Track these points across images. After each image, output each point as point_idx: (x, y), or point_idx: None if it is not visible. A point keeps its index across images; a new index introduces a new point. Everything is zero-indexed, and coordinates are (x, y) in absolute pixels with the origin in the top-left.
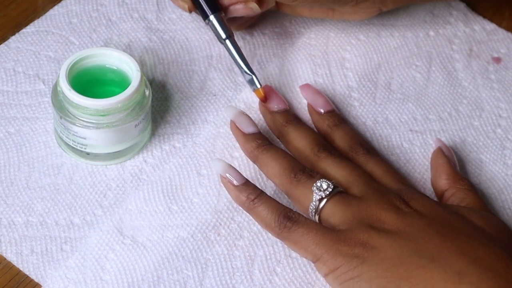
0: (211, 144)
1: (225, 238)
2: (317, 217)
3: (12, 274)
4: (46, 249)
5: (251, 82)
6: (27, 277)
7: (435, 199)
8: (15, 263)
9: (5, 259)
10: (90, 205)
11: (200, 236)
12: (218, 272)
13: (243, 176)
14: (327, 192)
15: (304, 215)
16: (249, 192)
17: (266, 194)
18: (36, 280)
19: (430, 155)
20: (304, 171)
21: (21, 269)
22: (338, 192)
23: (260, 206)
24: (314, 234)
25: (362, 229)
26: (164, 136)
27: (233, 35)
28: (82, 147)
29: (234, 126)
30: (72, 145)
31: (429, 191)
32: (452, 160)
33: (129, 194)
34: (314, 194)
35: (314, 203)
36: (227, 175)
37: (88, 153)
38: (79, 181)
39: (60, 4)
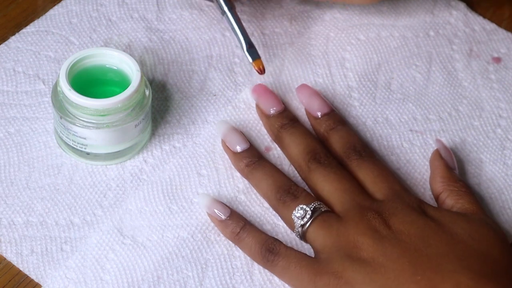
0: (211, 144)
1: (225, 238)
2: (304, 239)
3: (12, 274)
4: (46, 249)
5: (250, 54)
6: (27, 277)
7: (435, 200)
8: (15, 263)
9: (5, 259)
10: (90, 205)
11: (200, 236)
12: (218, 272)
13: (228, 209)
14: (306, 219)
15: (286, 245)
16: (234, 226)
17: (250, 225)
18: (36, 280)
19: (430, 155)
20: (289, 191)
21: (21, 269)
22: (320, 213)
23: (245, 239)
24: (294, 267)
25: (338, 260)
26: (164, 136)
27: (235, 8)
28: (82, 147)
29: (224, 145)
30: (72, 145)
31: (429, 191)
32: (451, 162)
33: (129, 194)
34: (295, 222)
35: (297, 229)
36: (215, 210)
37: (88, 153)
38: (79, 181)
39: (60, 4)
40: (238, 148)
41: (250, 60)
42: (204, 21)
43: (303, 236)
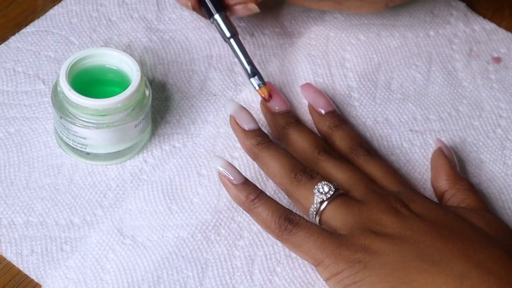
0: (211, 144)
1: (225, 238)
2: (317, 218)
3: (12, 274)
4: (46, 249)
5: (255, 81)
6: (27, 277)
7: (435, 199)
8: (15, 263)
9: (5, 259)
10: (90, 205)
11: (200, 236)
12: (218, 272)
13: (242, 175)
14: (329, 195)
15: (305, 217)
16: (249, 192)
17: (266, 195)
18: (36, 280)
19: (430, 155)
20: (305, 171)
21: (21, 269)
22: (339, 194)
23: (260, 207)
24: (316, 237)
25: (363, 234)
26: (164, 136)
27: (238, 34)
28: (82, 147)
29: (234, 122)
30: (72, 145)
31: (429, 191)
32: (452, 161)
33: (129, 194)
34: (315, 197)
35: (315, 206)
36: (226, 172)
37: (88, 153)
38: (79, 181)
39: (60, 4)
40: (249, 126)
41: (256, 87)
42: (204, 21)
43: (318, 213)
